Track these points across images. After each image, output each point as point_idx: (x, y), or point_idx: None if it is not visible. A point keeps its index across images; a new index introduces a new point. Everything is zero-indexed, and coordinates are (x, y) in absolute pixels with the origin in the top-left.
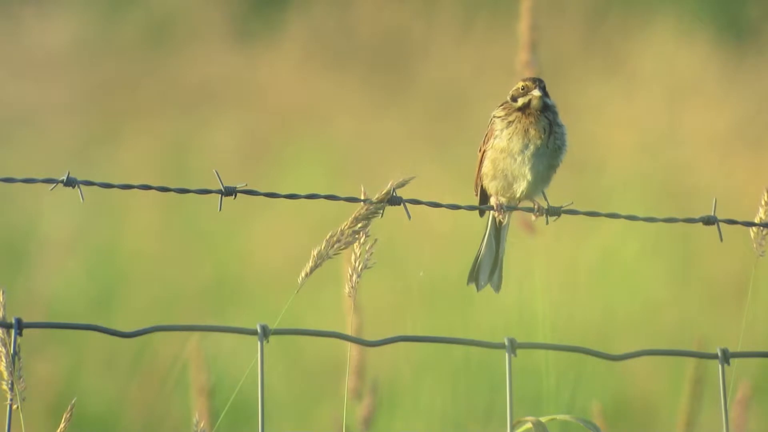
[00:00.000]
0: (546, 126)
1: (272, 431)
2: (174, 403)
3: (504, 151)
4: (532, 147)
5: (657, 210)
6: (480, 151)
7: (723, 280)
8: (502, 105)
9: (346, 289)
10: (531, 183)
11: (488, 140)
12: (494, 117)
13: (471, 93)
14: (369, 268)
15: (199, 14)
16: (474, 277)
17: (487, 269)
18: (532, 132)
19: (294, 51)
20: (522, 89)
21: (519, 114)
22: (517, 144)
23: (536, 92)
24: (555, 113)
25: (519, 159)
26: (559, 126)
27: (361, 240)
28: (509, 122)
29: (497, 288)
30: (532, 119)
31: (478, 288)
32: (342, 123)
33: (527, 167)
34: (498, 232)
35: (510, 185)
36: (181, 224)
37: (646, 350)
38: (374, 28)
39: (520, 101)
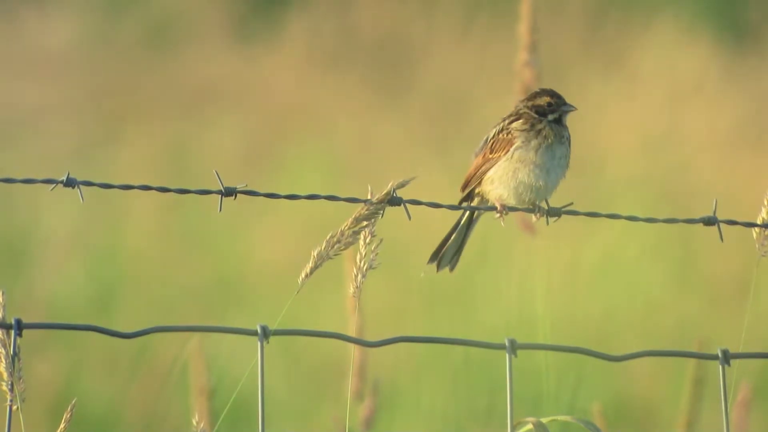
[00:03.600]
0: (568, 137)
1: None
2: (174, 403)
3: (523, 161)
4: (558, 157)
5: (657, 210)
6: (482, 157)
7: (723, 280)
8: (517, 118)
9: (351, 290)
10: (542, 191)
11: (504, 150)
12: (514, 129)
13: (471, 94)
14: (374, 268)
15: (199, 14)
16: (437, 258)
17: (451, 253)
18: (556, 145)
19: (294, 52)
20: (547, 105)
21: (546, 128)
22: (543, 156)
23: (569, 107)
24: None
25: (539, 171)
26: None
27: (367, 240)
28: (537, 131)
29: (453, 268)
30: (555, 132)
31: (439, 269)
32: (342, 124)
33: (546, 177)
34: (471, 222)
35: (520, 195)
36: (181, 224)
37: (646, 351)
38: (374, 28)
39: (551, 116)
